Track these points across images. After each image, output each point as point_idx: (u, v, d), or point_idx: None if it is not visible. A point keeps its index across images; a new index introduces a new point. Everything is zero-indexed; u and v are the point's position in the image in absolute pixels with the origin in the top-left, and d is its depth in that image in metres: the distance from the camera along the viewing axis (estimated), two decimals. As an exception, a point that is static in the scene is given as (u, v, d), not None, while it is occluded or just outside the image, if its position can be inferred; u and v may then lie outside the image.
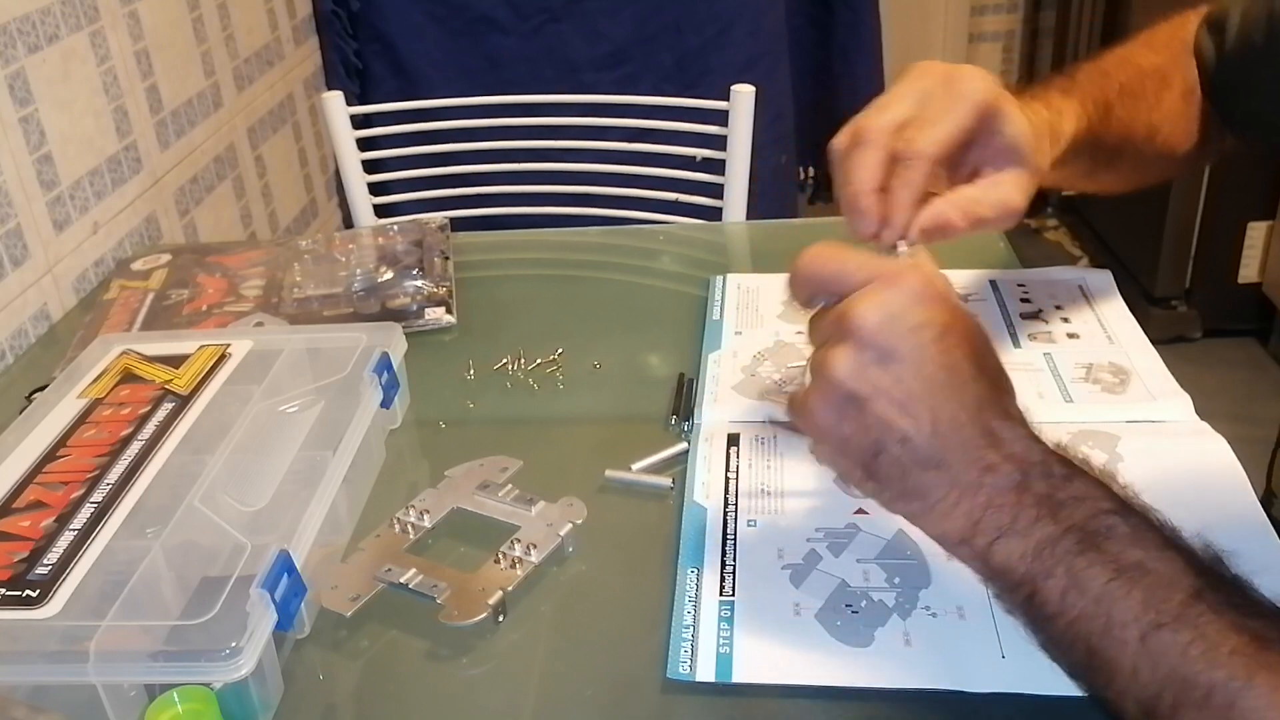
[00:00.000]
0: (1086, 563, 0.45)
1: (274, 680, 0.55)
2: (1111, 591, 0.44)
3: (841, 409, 0.49)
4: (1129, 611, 0.43)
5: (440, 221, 1.05)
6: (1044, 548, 0.46)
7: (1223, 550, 0.46)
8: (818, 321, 0.52)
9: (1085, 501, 0.46)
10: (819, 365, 0.50)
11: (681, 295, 0.91)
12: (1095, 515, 0.46)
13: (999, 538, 0.47)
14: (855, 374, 0.48)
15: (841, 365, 0.48)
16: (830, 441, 0.50)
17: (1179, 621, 0.43)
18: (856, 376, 0.48)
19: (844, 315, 0.49)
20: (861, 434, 0.49)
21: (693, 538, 0.63)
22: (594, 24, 1.68)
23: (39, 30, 1.03)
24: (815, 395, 0.50)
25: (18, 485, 0.64)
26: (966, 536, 0.48)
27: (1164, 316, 2.28)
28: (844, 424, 0.49)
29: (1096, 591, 0.44)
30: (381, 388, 0.73)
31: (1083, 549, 0.45)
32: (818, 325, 0.52)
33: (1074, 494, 0.47)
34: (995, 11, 2.90)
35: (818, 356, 0.50)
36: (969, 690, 0.52)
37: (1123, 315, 0.82)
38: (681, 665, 0.54)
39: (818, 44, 1.98)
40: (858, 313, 0.48)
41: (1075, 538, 0.45)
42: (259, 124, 1.53)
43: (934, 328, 0.48)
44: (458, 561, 0.63)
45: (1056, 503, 0.46)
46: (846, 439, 0.49)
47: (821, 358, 0.50)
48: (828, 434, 0.50)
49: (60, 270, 1.04)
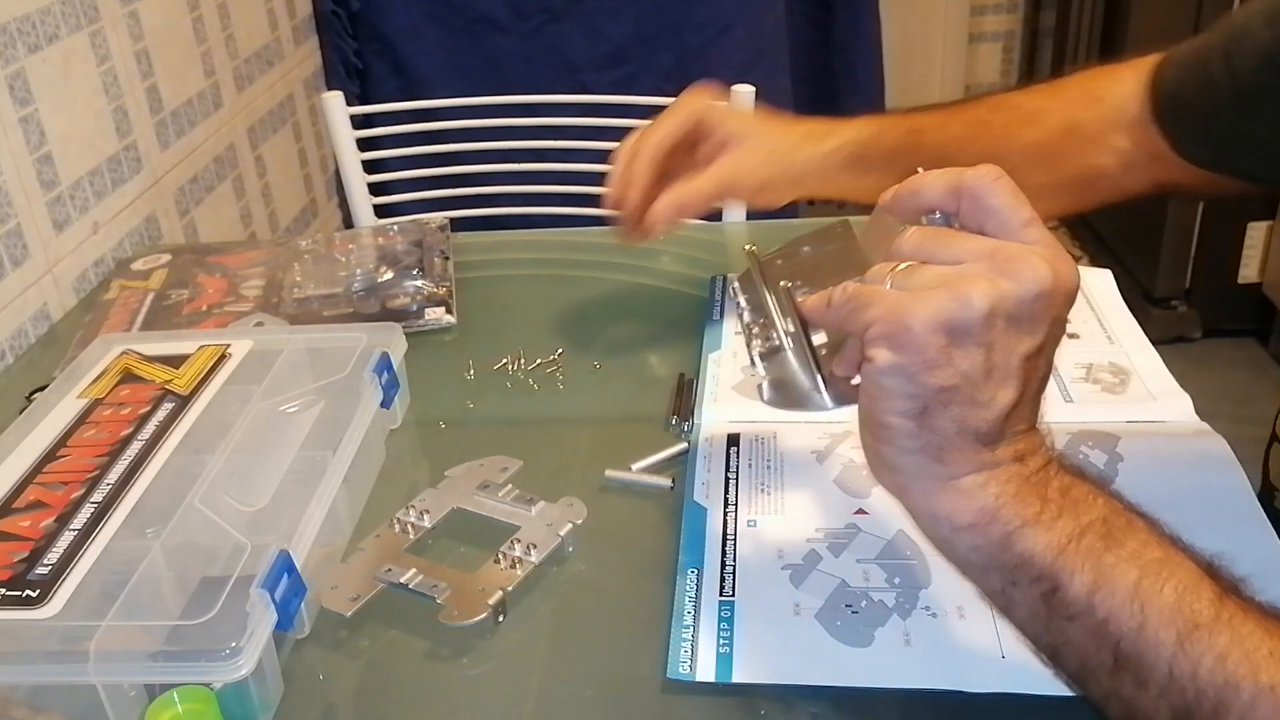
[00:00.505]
0: (1114, 559, 0.44)
1: (274, 680, 0.55)
2: (1144, 591, 0.43)
3: (956, 336, 0.44)
4: (1162, 613, 0.42)
5: (440, 221, 1.05)
6: (1068, 542, 0.44)
7: (1215, 553, 0.46)
8: (941, 238, 0.47)
9: (1099, 498, 0.46)
10: (955, 280, 0.44)
11: (681, 295, 0.91)
12: (1114, 512, 0.45)
13: (1022, 526, 0.45)
14: (992, 317, 0.44)
15: (988, 298, 0.43)
16: (919, 357, 0.44)
17: (1216, 623, 0.42)
18: (991, 320, 0.44)
19: (1014, 258, 0.44)
20: (951, 372, 0.44)
21: (693, 538, 0.63)
22: (594, 24, 1.68)
23: (39, 30, 1.03)
24: (934, 305, 0.44)
25: (18, 485, 0.64)
26: (980, 522, 0.45)
27: (1164, 316, 2.29)
28: (948, 351, 0.44)
29: (1127, 591, 0.43)
30: (381, 388, 0.73)
31: (1107, 545, 0.44)
32: (947, 241, 0.47)
33: (1087, 491, 0.46)
34: (995, 11, 2.90)
35: (949, 273, 0.45)
36: (969, 690, 0.52)
37: (1123, 315, 0.83)
38: (681, 665, 0.54)
39: (818, 44, 1.98)
40: (1032, 266, 0.44)
41: (1098, 533, 0.44)
42: (259, 124, 1.53)
43: (1061, 326, 0.46)
44: (458, 561, 0.63)
45: (1074, 498, 0.46)
46: (934, 367, 0.44)
47: (961, 275, 0.44)
48: (922, 348, 0.44)
49: (60, 270, 1.04)
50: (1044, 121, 0.83)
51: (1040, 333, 0.45)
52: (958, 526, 0.46)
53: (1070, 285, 0.45)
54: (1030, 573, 0.45)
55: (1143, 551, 0.44)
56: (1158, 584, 0.43)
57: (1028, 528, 0.45)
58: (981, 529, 0.45)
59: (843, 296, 0.48)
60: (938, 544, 0.48)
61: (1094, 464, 0.65)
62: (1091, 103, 0.83)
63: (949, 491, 0.46)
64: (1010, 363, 0.45)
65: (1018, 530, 0.45)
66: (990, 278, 0.44)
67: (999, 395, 0.45)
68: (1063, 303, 0.45)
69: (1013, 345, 0.44)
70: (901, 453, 0.46)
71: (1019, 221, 0.46)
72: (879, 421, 0.46)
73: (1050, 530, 0.45)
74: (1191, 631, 0.42)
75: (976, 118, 0.83)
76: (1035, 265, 0.44)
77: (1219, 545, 0.58)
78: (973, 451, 0.45)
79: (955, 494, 0.46)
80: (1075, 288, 0.46)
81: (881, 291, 0.46)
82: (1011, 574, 0.45)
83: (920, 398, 0.45)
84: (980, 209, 0.47)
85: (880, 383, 0.45)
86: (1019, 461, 0.46)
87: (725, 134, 0.77)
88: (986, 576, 0.47)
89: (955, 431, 0.45)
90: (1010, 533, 0.45)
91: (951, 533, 0.46)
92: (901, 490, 0.48)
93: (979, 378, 0.44)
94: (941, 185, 0.48)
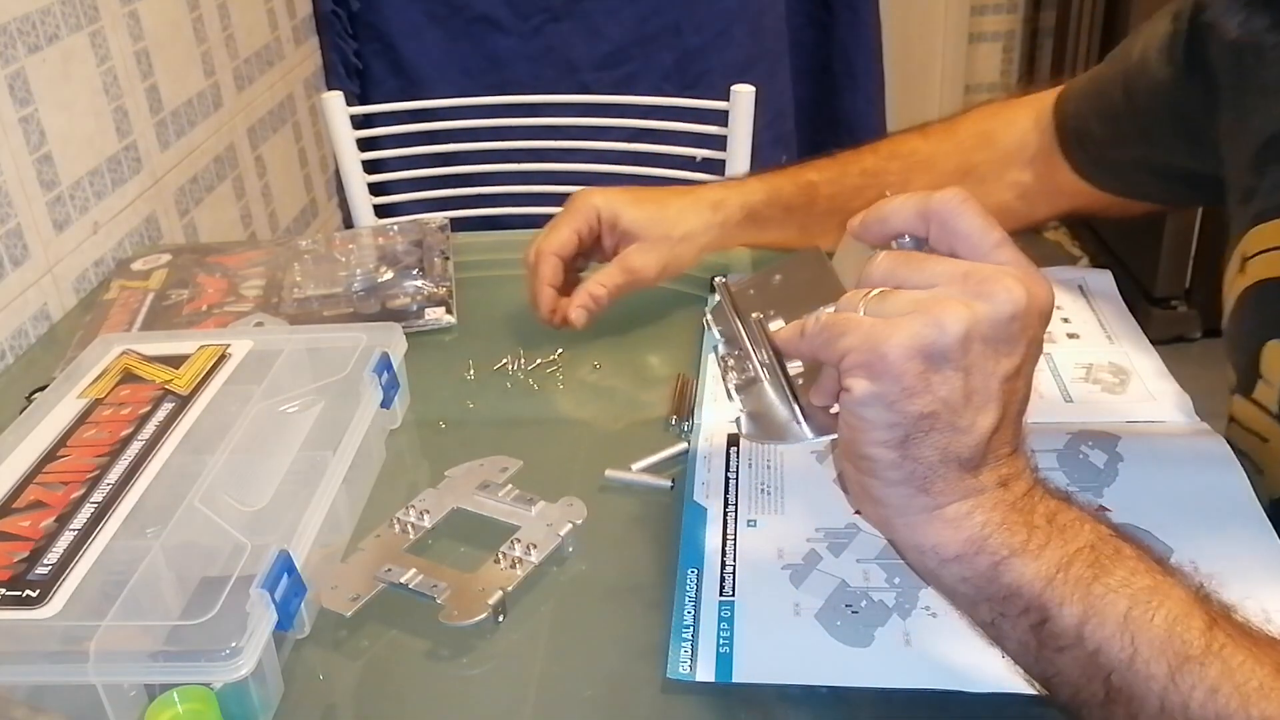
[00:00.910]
0: (1103, 589, 0.43)
1: (274, 680, 0.55)
2: (1134, 622, 0.42)
3: (933, 361, 0.43)
4: (1153, 644, 0.42)
5: (440, 221, 1.05)
6: (1057, 572, 0.44)
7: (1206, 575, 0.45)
8: (913, 263, 0.47)
9: (1085, 524, 0.46)
10: (929, 304, 0.44)
11: (681, 295, 0.91)
12: (1100, 538, 0.45)
13: (1010, 557, 0.44)
14: (968, 340, 0.43)
15: (963, 322, 0.43)
16: (896, 385, 0.43)
17: (1206, 654, 0.41)
18: (967, 344, 0.43)
19: (987, 280, 0.44)
20: (930, 398, 0.43)
21: (693, 538, 0.63)
22: (594, 24, 1.68)
23: (39, 30, 1.03)
24: (909, 331, 0.43)
25: (18, 485, 0.64)
26: (967, 552, 0.45)
27: (1164, 316, 2.28)
28: (926, 377, 0.43)
29: (1117, 622, 0.42)
30: (381, 388, 0.73)
31: (1096, 574, 0.43)
32: (919, 265, 0.46)
33: (1074, 517, 0.46)
34: (995, 11, 2.90)
35: (923, 297, 0.45)
36: (969, 690, 0.51)
37: (1123, 315, 0.82)
38: (681, 665, 0.54)
39: (818, 44, 1.98)
40: (1006, 287, 0.44)
41: (1086, 561, 0.44)
42: (259, 124, 1.53)
43: (1038, 346, 0.46)
44: (458, 561, 0.63)
45: (1060, 525, 0.45)
46: (913, 394, 0.43)
47: (934, 299, 0.44)
48: (899, 376, 0.43)
49: (60, 270, 1.04)
50: (939, 166, 0.86)
51: (1017, 354, 0.45)
52: (945, 558, 0.46)
53: (1045, 304, 0.45)
54: (1019, 604, 0.44)
55: (1132, 579, 0.43)
56: (1148, 613, 0.42)
57: (1015, 557, 0.44)
58: (969, 560, 0.45)
59: (816, 326, 0.47)
60: (926, 576, 0.48)
61: (1094, 464, 0.65)
62: (985, 145, 0.87)
63: (935, 522, 0.46)
64: (989, 386, 0.44)
65: (1005, 560, 0.44)
66: (964, 301, 0.44)
67: (979, 419, 0.44)
68: (1038, 322, 0.45)
69: (991, 368, 0.44)
70: (885, 484, 0.46)
71: (990, 243, 0.46)
72: (861, 453, 0.46)
73: (1038, 560, 0.44)
74: (1182, 664, 0.41)
75: (872, 167, 0.87)
76: (1009, 286, 0.44)
77: (1219, 545, 0.58)
78: (956, 479, 0.45)
79: (941, 524, 0.45)
80: (1050, 306, 0.46)
81: (855, 319, 0.46)
82: (1000, 605, 0.45)
83: (901, 426, 0.44)
84: (949, 232, 0.47)
85: (859, 413, 0.45)
86: (1003, 487, 0.46)
87: (625, 226, 0.84)
88: (976, 608, 0.46)
89: (938, 460, 0.45)
90: (998, 563, 0.45)
91: (939, 564, 0.46)
92: (886, 523, 0.48)
93: (958, 403, 0.44)
94: (908, 210, 0.48)
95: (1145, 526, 0.59)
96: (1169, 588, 0.43)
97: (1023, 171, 0.86)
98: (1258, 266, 0.65)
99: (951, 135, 0.88)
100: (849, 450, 0.47)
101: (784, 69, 1.88)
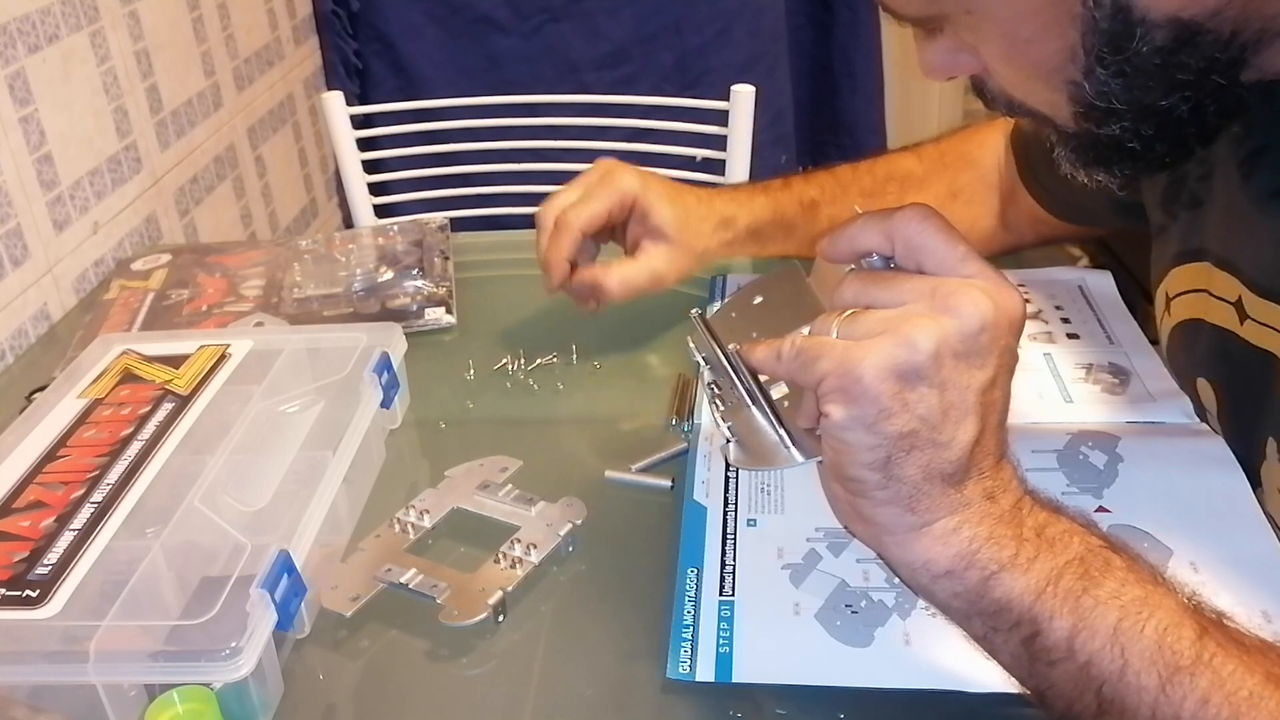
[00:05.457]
0: (1093, 601, 0.43)
1: (274, 680, 0.55)
2: (1124, 633, 0.42)
3: (907, 380, 0.44)
4: (1144, 656, 0.42)
5: (440, 221, 1.05)
6: (1046, 585, 0.44)
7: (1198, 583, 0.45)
8: (881, 282, 0.47)
9: (1075, 536, 0.46)
10: (898, 323, 0.44)
11: (681, 295, 0.91)
12: (1090, 550, 0.45)
13: (999, 571, 0.44)
14: (939, 356, 0.44)
15: (933, 338, 0.43)
16: (874, 407, 0.44)
17: (1197, 665, 0.41)
18: (939, 359, 0.44)
19: (952, 294, 0.44)
20: (909, 417, 0.44)
21: (693, 538, 0.63)
22: (594, 24, 1.68)
23: (39, 30, 1.03)
24: (880, 352, 0.44)
25: (18, 485, 0.64)
26: (957, 568, 0.45)
27: (1164, 317, 2.28)
28: (902, 397, 0.44)
29: (1107, 634, 0.42)
30: (381, 388, 0.73)
31: (1085, 586, 0.44)
32: (887, 284, 0.47)
33: (1063, 529, 0.46)
34: (995, 11, 2.89)
35: (892, 316, 0.45)
36: (969, 690, 0.52)
37: (1123, 315, 0.82)
38: (681, 665, 0.54)
39: (818, 44, 1.98)
40: (972, 300, 0.44)
41: (1075, 573, 0.44)
42: (259, 124, 1.53)
43: (1012, 355, 0.46)
44: (458, 561, 0.63)
45: (1049, 538, 0.45)
46: (890, 415, 0.44)
47: (903, 317, 0.44)
48: (876, 397, 0.44)
49: (60, 270, 1.04)
50: (930, 189, 0.87)
51: (990, 365, 0.45)
52: (935, 574, 0.46)
53: (1014, 313, 0.46)
54: (1009, 618, 0.45)
55: (1121, 591, 0.44)
56: (1138, 624, 0.43)
57: (1004, 572, 0.45)
58: (959, 575, 0.45)
59: (791, 351, 0.48)
60: (919, 591, 0.48)
61: (1094, 464, 0.65)
62: (967, 165, 0.88)
63: (923, 539, 0.46)
64: (966, 399, 0.45)
65: (994, 575, 0.45)
66: (932, 316, 0.44)
67: (959, 433, 0.45)
68: (1008, 332, 0.45)
69: (965, 381, 0.45)
70: (873, 504, 0.46)
71: (955, 257, 0.46)
72: (846, 475, 0.46)
73: (1027, 573, 0.44)
74: (1173, 674, 0.41)
75: (870, 188, 0.88)
76: (975, 299, 0.44)
77: (1218, 546, 0.58)
78: (941, 495, 0.45)
79: (930, 541, 0.46)
80: (1020, 316, 0.46)
81: (829, 343, 0.46)
82: (991, 619, 0.45)
83: (882, 447, 0.44)
84: (914, 249, 0.47)
85: (841, 437, 0.45)
86: (990, 500, 0.46)
87: (657, 223, 0.81)
88: (969, 622, 0.47)
89: (921, 477, 0.45)
90: (987, 577, 0.45)
91: (930, 580, 0.46)
92: (877, 542, 0.48)
93: (936, 419, 0.44)
94: (873, 229, 0.48)
95: (1145, 527, 0.59)
96: (1159, 598, 0.43)
97: (999, 199, 0.87)
98: (1180, 307, 0.67)
99: (940, 156, 0.89)
100: (835, 472, 0.47)
101: (783, 69, 1.88)
